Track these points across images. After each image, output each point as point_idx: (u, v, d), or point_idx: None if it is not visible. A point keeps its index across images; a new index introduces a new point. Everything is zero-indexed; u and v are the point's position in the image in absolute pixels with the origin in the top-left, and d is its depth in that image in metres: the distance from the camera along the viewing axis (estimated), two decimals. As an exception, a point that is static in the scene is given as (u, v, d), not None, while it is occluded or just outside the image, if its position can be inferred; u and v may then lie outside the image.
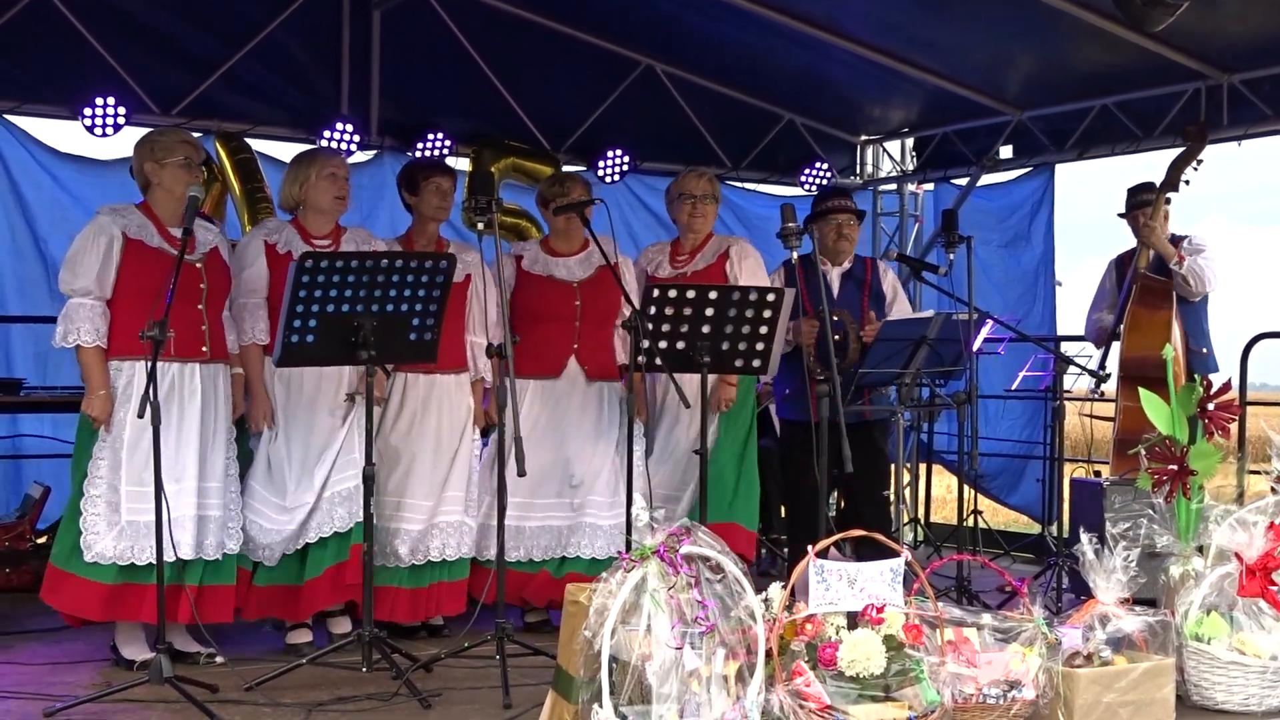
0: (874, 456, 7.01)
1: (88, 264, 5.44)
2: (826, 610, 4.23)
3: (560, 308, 6.40)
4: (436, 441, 6.19)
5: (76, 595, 5.45)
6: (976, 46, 8.40)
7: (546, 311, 6.40)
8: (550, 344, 6.38)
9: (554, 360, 6.40)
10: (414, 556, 6.10)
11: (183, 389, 5.53)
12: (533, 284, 6.47)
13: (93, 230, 5.49)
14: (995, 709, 4.30)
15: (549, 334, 6.38)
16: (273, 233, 5.98)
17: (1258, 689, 4.87)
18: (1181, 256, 7.06)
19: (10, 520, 7.17)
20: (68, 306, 5.48)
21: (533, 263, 6.52)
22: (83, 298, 5.45)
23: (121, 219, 5.52)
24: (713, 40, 8.78)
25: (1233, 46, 7.74)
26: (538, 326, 6.32)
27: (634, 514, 4.08)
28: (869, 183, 10.33)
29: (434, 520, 6.14)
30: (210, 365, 5.62)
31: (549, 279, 6.47)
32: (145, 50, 7.86)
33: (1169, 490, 5.23)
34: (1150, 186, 7.31)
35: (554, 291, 6.43)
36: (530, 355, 6.16)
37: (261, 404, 5.86)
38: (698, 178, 6.77)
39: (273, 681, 5.18)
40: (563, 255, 6.53)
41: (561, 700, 4.21)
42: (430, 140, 8.47)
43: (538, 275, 6.49)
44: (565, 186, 6.56)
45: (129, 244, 5.48)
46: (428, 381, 6.19)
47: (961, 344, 6.68)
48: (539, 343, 6.28)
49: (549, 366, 6.40)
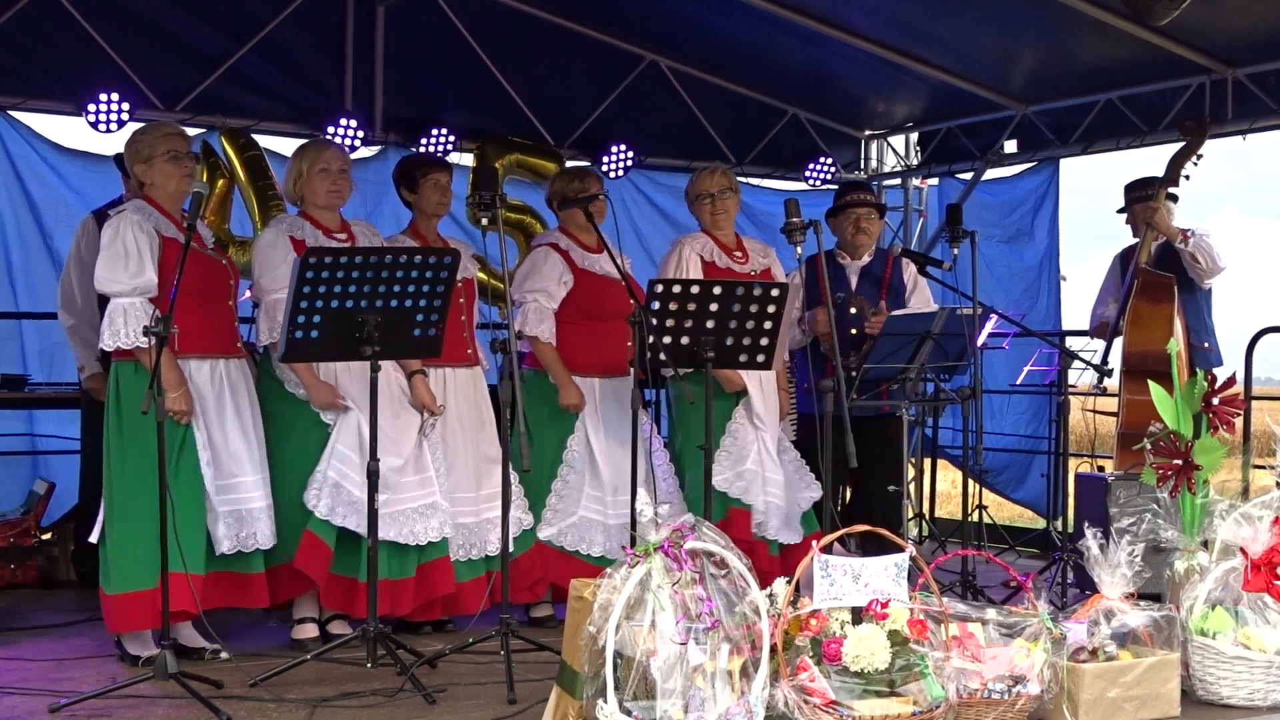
0: (888, 450, 6.99)
1: (140, 263, 5.39)
2: (831, 605, 4.23)
3: (621, 304, 6.12)
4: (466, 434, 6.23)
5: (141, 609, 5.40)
6: (981, 41, 8.40)
7: (611, 309, 6.29)
8: (615, 342, 6.27)
9: (620, 358, 6.26)
10: (474, 552, 6.15)
11: (234, 383, 5.63)
12: (593, 282, 6.43)
13: (131, 230, 5.42)
14: (1000, 704, 4.30)
15: (612, 332, 6.27)
16: (292, 227, 5.96)
17: (1263, 684, 4.86)
18: (1187, 236, 7.05)
19: (15, 516, 7.18)
20: (119, 306, 5.39)
21: (583, 259, 6.47)
22: (136, 297, 5.39)
23: (150, 219, 5.51)
24: (717, 35, 8.78)
25: (1238, 40, 7.73)
26: (600, 324, 6.32)
27: (638, 509, 4.06)
28: (873, 177, 10.32)
29: (480, 517, 6.18)
30: (241, 360, 5.74)
31: (604, 277, 6.42)
32: (149, 46, 7.87)
33: (1174, 485, 5.22)
34: (1149, 181, 7.32)
35: (613, 290, 6.32)
36: (594, 353, 6.19)
37: (322, 388, 5.81)
38: (711, 175, 6.76)
39: (278, 677, 5.17)
40: (593, 251, 6.49)
41: (566, 695, 4.21)
42: (434, 135, 8.48)
43: (596, 274, 6.44)
44: (585, 183, 6.54)
45: (165, 242, 5.49)
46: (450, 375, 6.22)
47: (966, 339, 6.68)
48: (603, 340, 6.29)
49: (616, 365, 6.35)
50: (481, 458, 6.29)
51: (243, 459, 5.62)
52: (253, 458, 5.66)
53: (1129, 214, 7.43)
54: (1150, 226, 7.16)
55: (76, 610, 6.46)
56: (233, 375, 5.66)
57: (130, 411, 5.36)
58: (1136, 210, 7.36)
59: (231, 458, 5.60)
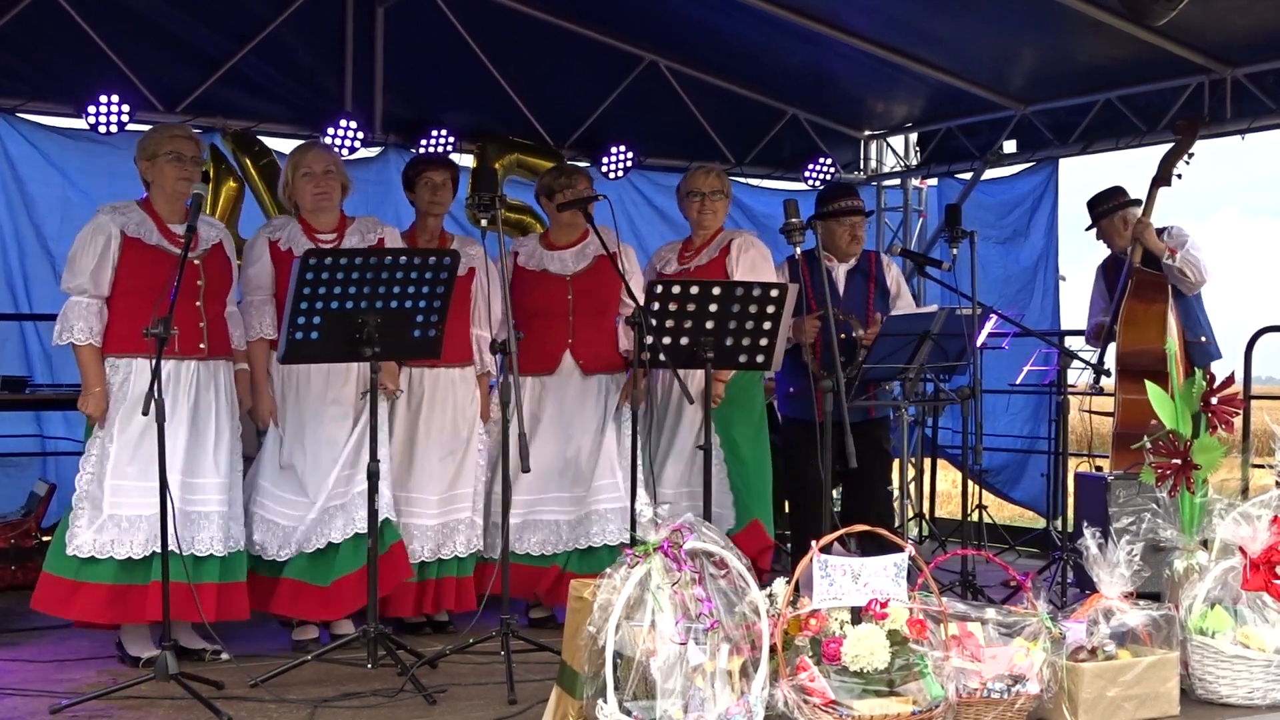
0: (876, 452, 7.02)
1: (84, 263, 5.47)
2: (830, 605, 4.24)
3: (552, 303, 6.40)
4: (443, 436, 6.20)
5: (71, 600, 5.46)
6: (980, 41, 8.40)
7: (539, 307, 6.40)
8: (545, 339, 6.37)
9: (549, 356, 6.40)
10: (426, 554, 6.12)
11: (176, 386, 5.53)
12: (526, 280, 6.49)
13: (91, 229, 5.52)
14: (999, 703, 4.30)
15: (543, 329, 6.37)
16: (276, 230, 6.01)
17: (1262, 682, 4.87)
18: (1173, 251, 7.06)
19: (16, 518, 7.18)
20: (65, 305, 5.51)
21: (528, 258, 6.55)
22: (79, 296, 5.48)
23: (121, 217, 5.54)
24: (716, 35, 8.78)
25: (1236, 40, 7.73)
26: (532, 322, 6.31)
27: (637, 509, 4.07)
28: (873, 178, 10.33)
29: (447, 518, 6.16)
30: (209, 362, 5.63)
31: (542, 274, 6.48)
32: (149, 47, 7.87)
33: (1173, 484, 5.22)
34: (1112, 193, 7.33)
35: (547, 286, 6.44)
36: (527, 351, 6.16)
37: (265, 400, 5.88)
38: (705, 174, 6.78)
39: (278, 678, 5.18)
40: (560, 248, 6.53)
41: (566, 696, 4.21)
42: (434, 136, 8.48)
43: (531, 271, 6.51)
44: (571, 179, 6.56)
45: (127, 242, 5.50)
46: (433, 375, 6.21)
47: (965, 339, 6.68)
48: (534, 338, 6.27)
49: (544, 362, 6.41)
50: (456, 458, 6.26)
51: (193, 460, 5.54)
52: (204, 460, 5.58)
53: (1099, 230, 7.42)
54: (1139, 242, 7.16)
55: (77, 612, 6.46)
56: (189, 376, 5.57)
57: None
58: (1105, 225, 7.36)
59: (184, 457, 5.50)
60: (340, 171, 6.06)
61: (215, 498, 5.59)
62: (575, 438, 6.41)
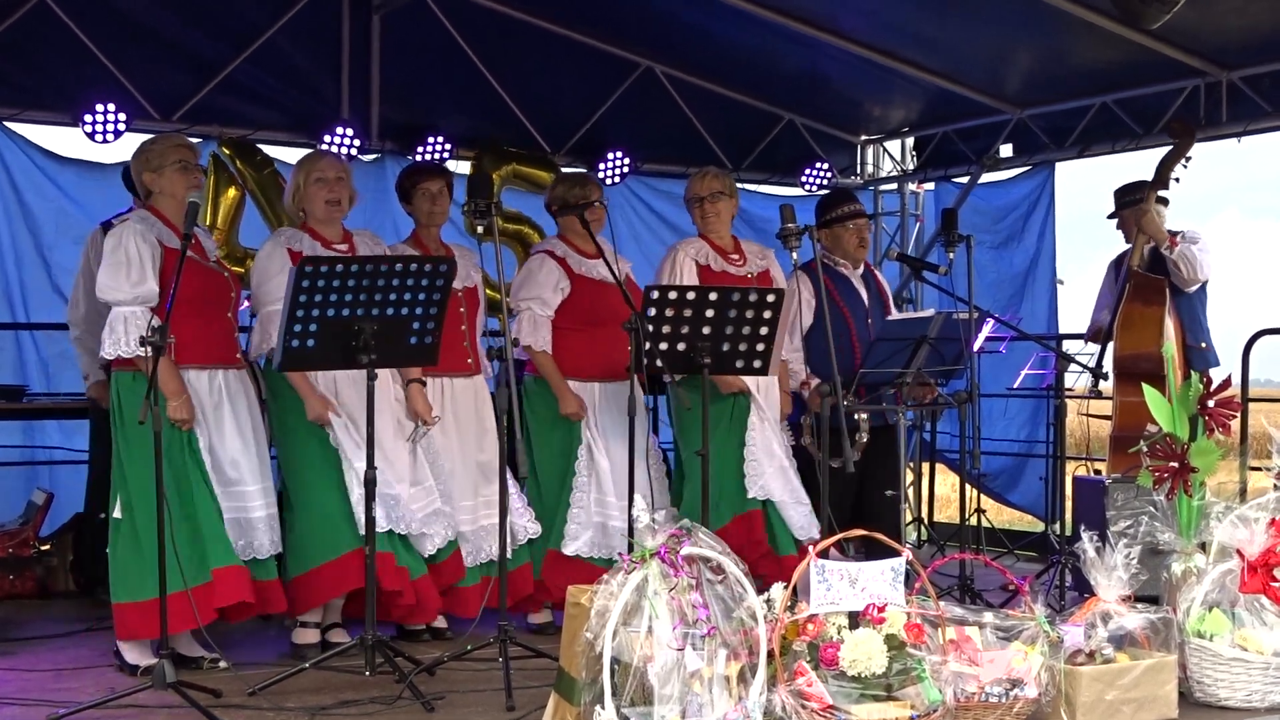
0: (887, 457, 7.01)
1: (143, 272, 5.42)
2: (828, 610, 4.23)
3: (618, 309, 6.05)
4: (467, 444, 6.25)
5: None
6: (976, 45, 8.41)
7: (608, 314, 6.23)
8: (614, 346, 6.18)
9: (618, 362, 6.15)
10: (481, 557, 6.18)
11: (233, 393, 5.66)
12: (590, 288, 6.44)
13: (134, 239, 5.45)
14: (997, 707, 4.30)
15: (610, 336, 6.17)
16: (292, 240, 5.95)
17: (1260, 685, 4.86)
18: (1174, 242, 7.07)
19: (14, 527, 7.18)
20: (120, 314, 5.42)
21: (579, 265, 6.48)
22: (134, 306, 5.42)
23: (153, 229, 5.53)
24: (713, 41, 8.78)
25: (1232, 43, 7.74)
26: (598, 330, 6.32)
27: (634, 515, 4.07)
28: (869, 182, 10.33)
29: (478, 524, 6.21)
30: (241, 371, 5.77)
31: (602, 282, 6.41)
32: (145, 56, 7.88)
33: (1170, 487, 5.22)
34: (1139, 185, 7.34)
35: (609, 296, 6.29)
36: (597, 359, 6.22)
37: (314, 399, 5.81)
38: (702, 178, 6.78)
39: (276, 686, 5.18)
40: (590, 257, 6.49)
41: (564, 702, 4.21)
42: (430, 143, 8.48)
43: (593, 279, 6.45)
44: (586, 190, 6.55)
45: (167, 252, 5.50)
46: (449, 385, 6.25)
47: (962, 343, 6.69)
48: (602, 346, 6.28)
49: (615, 369, 6.28)
50: (479, 465, 6.30)
51: (242, 467, 5.65)
52: (252, 467, 5.68)
53: (1120, 219, 7.44)
54: (1139, 229, 7.18)
55: (75, 620, 6.46)
56: (231, 385, 5.68)
57: (132, 420, 5.36)
58: (1127, 215, 7.38)
59: (231, 465, 5.63)
60: (349, 182, 6.07)
61: (259, 503, 5.68)
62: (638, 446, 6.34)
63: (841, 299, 6.80)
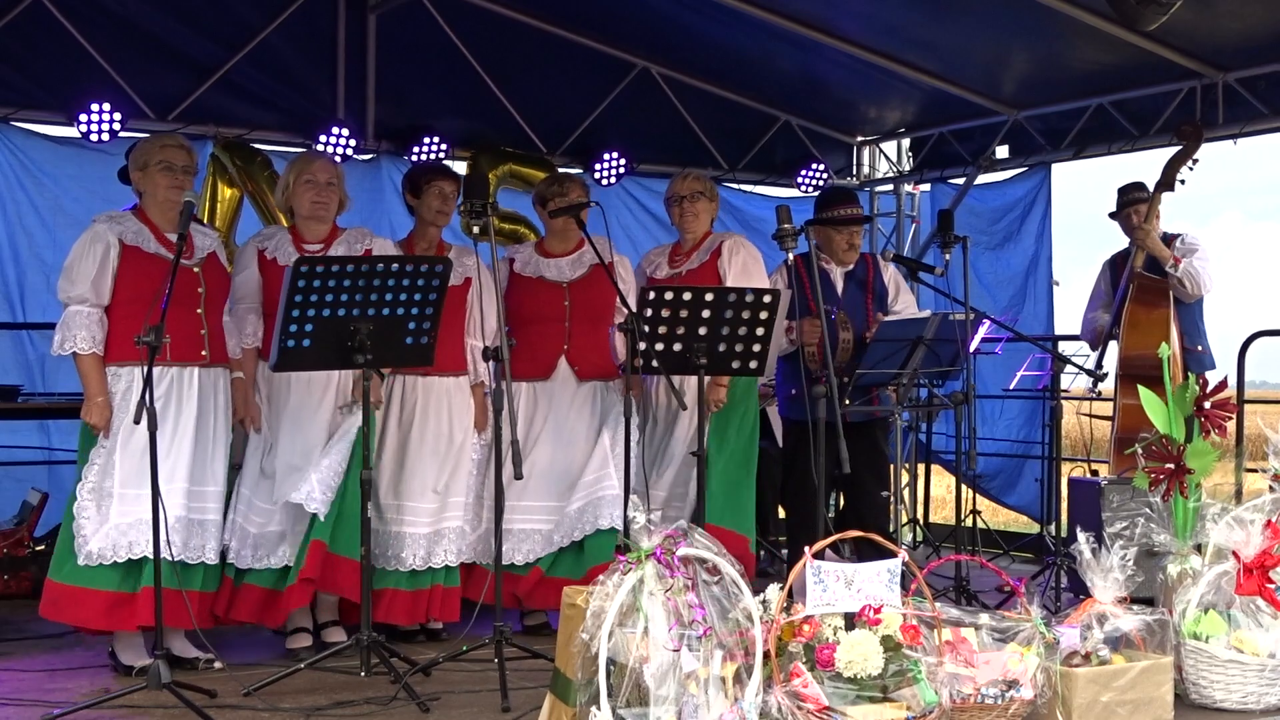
0: (875, 456, 7.02)
1: (84, 271, 5.46)
2: (824, 611, 4.23)
3: (549, 309, 6.43)
4: (437, 445, 6.20)
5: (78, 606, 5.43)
6: (972, 47, 8.41)
7: (535, 313, 6.43)
8: (540, 345, 6.40)
9: (544, 361, 6.42)
10: (418, 561, 6.12)
11: (180, 393, 5.55)
12: (522, 286, 6.51)
13: (89, 238, 5.51)
14: (993, 709, 4.30)
15: (539, 335, 6.39)
16: (266, 239, 6.04)
17: (1256, 687, 4.87)
18: (1177, 259, 7.07)
19: (8, 527, 7.17)
20: (65, 314, 5.50)
21: (524, 265, 6.57)
22: (79, 305, 5.47)
23: (118, 226, 5.55)
24: (709, 42, 8.78)
25: (1228, 45, 7.74)
26: (528, 328, 6.35)
27: (630, 516, 4.06)
28: (865, 183, 10.33)
29: (439, 526, 6.16)
30: (210, 369, 5.64)
31: (539, 280, 6.50)
32: (140, 56, 7.86)
33: (1166, 489, 5.23)
34: (1141, 185, 7.33)
35: (543, 293, 6.46)
36: (522, 357, 6.15)
37: (253, 408, 5.89)
38: (682, 179, 6.81)
39: (271, 686, 5.18)
40: (556, 256, 6.56)
41: (559, 703, 4.21)
42: (426, 144, 8.47)
43: (528, 277, 6.53)
44: (564, 187, 6.59)
45: (126, 250, 5.50)
46: (425, 384, 6.21)
47: (958, 344, 6.69)
48: (529, 344, 6.30)
49: (540, 368, 6.42)
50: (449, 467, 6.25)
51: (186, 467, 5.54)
52: (207, 468, 5.61)
53: (1121, 217, 7.43)
54: (1140, 248, 7.17)
55: (70, 620, 6.45)
56: (192, 383, 5.58)
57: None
58: (1126, 214, 7.37)
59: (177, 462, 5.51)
60: (341, 187, 6.07)
61: (213, 505, 5.65)
62: (570, 444, 6.42)
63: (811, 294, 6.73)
